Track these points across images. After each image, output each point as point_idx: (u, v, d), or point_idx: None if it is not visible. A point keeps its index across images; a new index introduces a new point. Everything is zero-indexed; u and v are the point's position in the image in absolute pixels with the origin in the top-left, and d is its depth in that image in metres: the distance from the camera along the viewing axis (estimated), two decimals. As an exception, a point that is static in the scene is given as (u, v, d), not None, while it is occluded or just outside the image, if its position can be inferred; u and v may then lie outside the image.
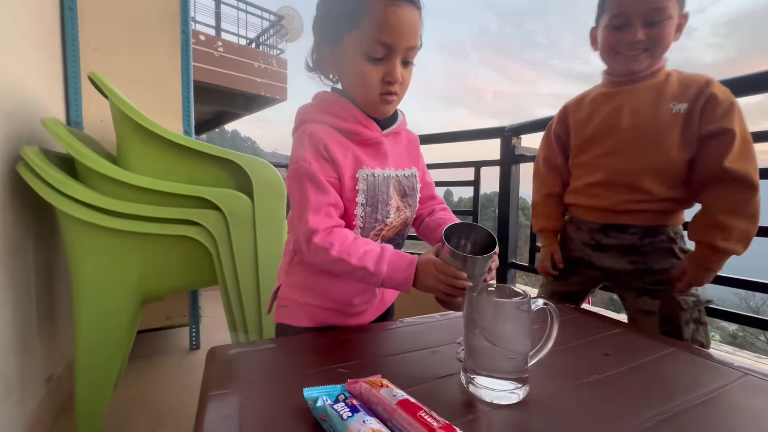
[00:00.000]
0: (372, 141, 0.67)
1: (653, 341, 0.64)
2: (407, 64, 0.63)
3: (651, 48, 0.77)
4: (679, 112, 0.75)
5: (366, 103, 0.65)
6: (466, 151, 2.85)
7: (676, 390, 0.49)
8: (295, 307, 0.73)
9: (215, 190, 1.06)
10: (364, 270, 0.61)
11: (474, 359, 0.48)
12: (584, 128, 0.88)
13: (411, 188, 0.72)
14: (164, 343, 1.87)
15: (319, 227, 0.61)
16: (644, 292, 0.83)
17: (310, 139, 0.62)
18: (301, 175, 0.62)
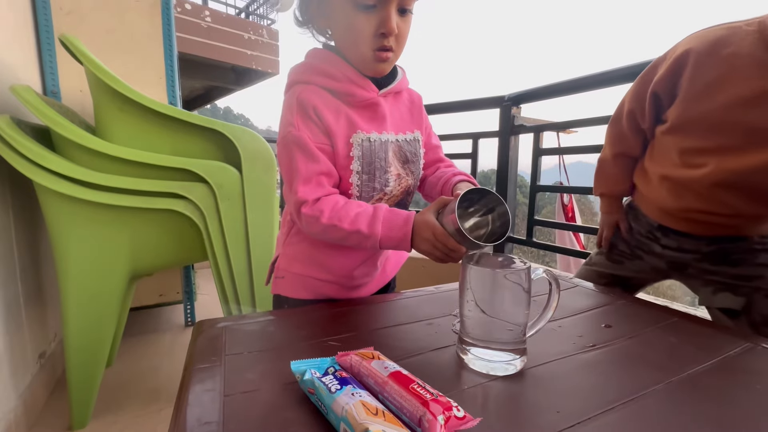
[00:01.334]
0: (367, 102, 0.60)
1: (655, 312, 0.63)
2: (405, 12, 0.55)
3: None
4: None
5: (359, 60, 0.58)
6: (462, 122, 2.66)
7: (680, 359, 0.47)
8: (292, 279, 0.71)
9: (201, 162, 1.01)
10: (358, 234, 0.57)
11: (469, 331, 0.45)
12: (698, 102, 0.61)
13: (413, 153, 0.66)
14: (159, 320, 1.86)
15: (308, 197, 0.58)
16: (724, 287, 0.68)
17: (298, 102, 0.57)
18: (289, 142, 0.58)
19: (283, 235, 0.72)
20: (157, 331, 1.75)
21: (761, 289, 0.65)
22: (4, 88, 1.01)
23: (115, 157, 0.94)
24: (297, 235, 0.70)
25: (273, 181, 1.11)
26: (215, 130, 1.04)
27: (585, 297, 0.71)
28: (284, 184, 0.62)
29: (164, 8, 1.47)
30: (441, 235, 0.53)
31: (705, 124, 0.61)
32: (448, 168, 0.73)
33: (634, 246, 0.80)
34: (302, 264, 0.70)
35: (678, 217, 0.70)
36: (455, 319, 0.58)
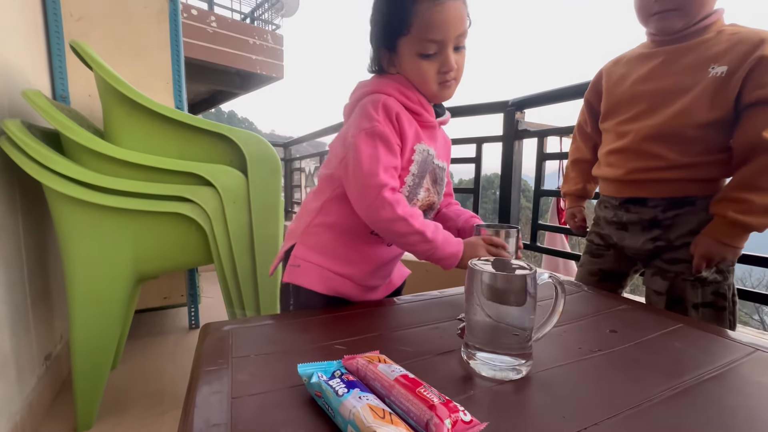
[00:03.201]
0: (428, 124, 0.72)
1: (661, 317, 0.62)
2: (459, 49, 0.67)
3: (682, 5, 0.71)
4: (716, 75, 0.68)
5: (427, 93, 0.70)
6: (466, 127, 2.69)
7: (682, 366, 0.47)
8: (309, 269, 0.72)
9: (207, 165, 1.02)
10: (421, 235, 0.64)
11: (476, 335, 0.46)
12: (615, 91, 0.83)
13: (441, 178, 0.77)
14: (164, 323, 1.87)
15: (389, 183, 0.64)
16: (658, 272, 0.79)
17: (384, 106, 0.66)
18: (375, 134, 0.65)
19: (302, 225, 0.75)
20: (162, 334, 1.75)
21: (684, 276, 0.75)
22: (16, 92, 1.03)
23: (123, 161, 0.95)
24: (320, 225, 0.73)
25: (278, 184, 1.12)
26: (221, 134, 1.05)
27: (589, 301, 0.71)
28: (355, 172, 0.65)
29: (172, 15, 1.49)
30: (488, 239, 0.66)
31: (624, 102, 0.81)
32: (457, 205, 0.87)
33: (605, 236, 0.89)
34: (322, 255, 0.72)
35: (629, 182, 0.80)
36: (460, 323, 0.59)
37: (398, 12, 0.64)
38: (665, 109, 0.74)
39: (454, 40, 0.65)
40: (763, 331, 0.95)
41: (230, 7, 6.74)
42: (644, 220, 0.79)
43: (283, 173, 2.92)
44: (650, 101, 0.76)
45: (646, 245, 0.80)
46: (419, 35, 0.64)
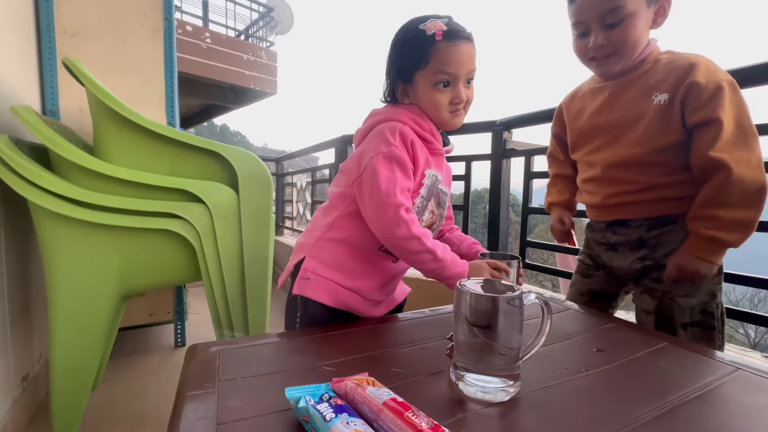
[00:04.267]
0: (437, 152, 0.80)
1: (646, 336, 0.64)
2: (469, 82, 0.76)
3: (617, 51, 0.74)
4: (660, 102, 0.72)
5: (439, 120, 0.77)
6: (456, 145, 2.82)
7: (667, 386, 0.48)
8: (318, 282, 0.76)
9: (198, 182, 1.02)
10: (431, 254, 0.69)
11: (464, 356, 0.46)
12: (575, 125, 0.88)
13: (444, 202, 0.83)
14: (148, 341, 1.82)
15: (406, 204, 0.70)
16: (646, 290, 0.80)
17: (401, 133, 0.72)
18: (393, 157, 0.71)
19: (313, 239, 0.79)
20: (146, 352, 1.70)
21: (671, 295, 0.76)
22: (5, 107, 1.02)
23: (112, 177, 0.95)
24: (331, 240, 0.77)
25: (269, 202, 1.12)
26: (213, 151, 1.05)
27: (576, 320, 0.71)
28: (372, 191, 0.70)
29: (166, 33, 1.51)
30: (492, 263, 0.71)
31: (584, 135, 0.86)
32: (460, 233, 0.91)
33: (595, 256, 0.90)
34: (332, 269, 0.76)
35: (608, 206, 0.83)
36: (449, 342, 0.59)
37: (419, 49, 0.72)
38: (622, 139, 0.78)
39: (465, 75, 0.74)
40: (745, 348, 0.96)
41: (225, 24, 6.83)
42: (631, 241, 0.80)
43: (275, 188, 2.93)
44: (607, 133, 0.80)
45: (634, 264, 0.80)
46: (435, 68, 0.72)
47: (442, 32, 0.71)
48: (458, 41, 0.72)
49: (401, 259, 0.77)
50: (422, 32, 0.72)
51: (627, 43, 0.73)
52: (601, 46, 0.74)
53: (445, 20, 0.72)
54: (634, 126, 0.76)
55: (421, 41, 0.72)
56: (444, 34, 0.71)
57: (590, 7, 0.73)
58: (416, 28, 0.73)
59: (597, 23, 0.73)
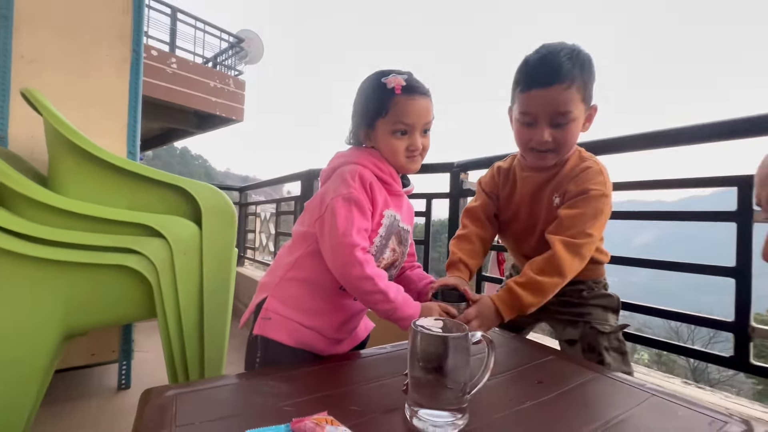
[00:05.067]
0: (397, 193, 0.84)
1: (579, 367, 0.71)
2: (426, 132, 0.82)
3: (558, 148, 0.81)
4: (555, 203, 0.84)
5: (396, 164, 0.82)
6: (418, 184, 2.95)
7: (596, 413, 0.54)
8: (279, 321, 0.77)
9: (159, 216, 1.01)
10: (384, 294, 0.71)
11: (417, 392, 0.50)
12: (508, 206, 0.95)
13: (406, 240, 0.88)
14: (87, 383, 1.66)
15: (362, 244, 0.72)
16: (568, 323, 0.89)
17: (360, 175, 0.77)
18: (351, 199, 0.74)
19: (275, 278, 0.80)
20: (83, 397, 1.55)
21: (588, 323, 0.86)
22: (-52, 135, 0.97)
23: (65, 210, 0.91)
24: (292, 280, 0.79)
25: (233, 237, 1.12)
26: (175, 185, 1.05)
27: (520, 354, 0.78)
28: (330, 231, 0.74)
29: (134, 65, 1.51)
30: (444, 306, 0.76)
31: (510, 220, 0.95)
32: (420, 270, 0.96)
33: None
34: (293, 309, 0.77)
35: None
36: (405, 378, 0.62)
37: (380, 100, 0.79)
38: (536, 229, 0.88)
39: (422, 126, 0.80)
40: (668, 376, 1.07)
41: (193, 51, 6.82)
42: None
43: (237, 216, 2.86)
44: (528, 221, 0.90)
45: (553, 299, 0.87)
46: (394, 118, 0.78)
47: (401, 87, 0.78)
48: (416, 96, 0.79)
49: (357, 298, 0.79)
50: (383, 85, 0.78)
51: (567, 143, 0.80)
52: (546, 141, 0.79)
53: (405, 76, 0.79)
54: (542, 220, 0.87)
55: (382, 93, 0.78)
56: (403, 89, 0.78)
57: (544, 106, 0.77)
58: (379, 81, 0.79)
59: (545, 121, 0.78)
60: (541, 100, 0.77)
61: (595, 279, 0.90)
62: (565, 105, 0.76)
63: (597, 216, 0.79)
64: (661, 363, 12.34)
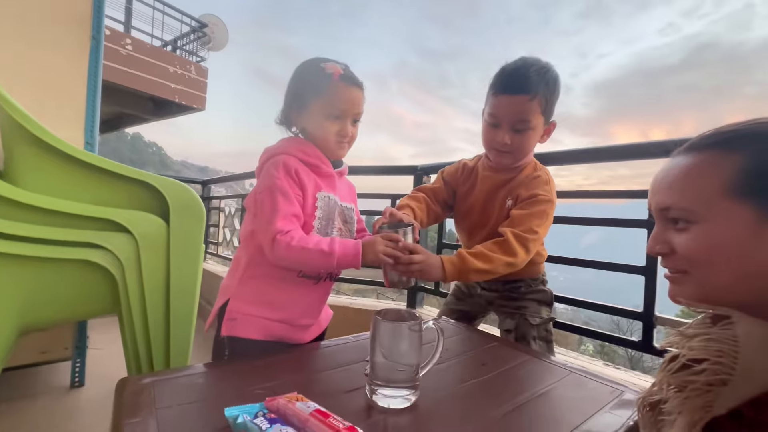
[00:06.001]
0: (327, 174, 0.86)
1: (517, 351, 0.82)
2: (355, 122, 0.86)
3: (515, 151, 0.91)
4: (508, 206, 0.95)
5: (325, 148, 0.85)
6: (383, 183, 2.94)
7: (526, 387, 0.65)
8: (245, 320, 0.80)
9: (125, 211, 1.01)
10: (320, 252, 0.74)
11: (377, 373, 0.57)
12: (465, 201, 1.05)
13: (350, 218, 0.91)
14: (36, 382, 1.58)
15: (284, 228, 0.75)
16: (507, 315, 1.02)
17: (284, 164, 0.78)
18: (274, 189, 0.77)
19: (234, 280, 0.83)
20: (32, 396, 1.48)
21: (523, 315, 0.98)
22: None
23: (24, 204, 0.89)
24: (251, 278, 0.82)
25: (200, 233, 1.14)
26: (142, 180, 1.05)
27: (468, 340, 0.88)
28: (262, 223, 0.77)
29: (93, 52, 1.46)
30: (385, 234, 0.79)
31: (465, 214, 1.05)
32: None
33: (471, 286, 1.11)
34: (255, 305, 0.81)
35: None
36: (367, 364, 0.70)
37: (317, 82, 0.81)
38: (488, 225, 0.98)
39: (353, 115, 0.84)
40: (593, 358, 1.23)
41: (150, 33, 6.42)
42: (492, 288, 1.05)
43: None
44: (480, 217, 1.01)
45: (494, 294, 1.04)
46: (328, 101, 0.81)
47: (339, 74, 0.81)
48: (352, 85, 0.82)
49: (306, 272, 0.82)
50: (322, 69, 0.81)
51: (523, 148, 0.92)
52: (506, 143, 0.90)
53: (343, 66, 0.83)
54: (494, 219, 0.97)
55: (320, 77, 0.81)
56: (341, 76, 0.81)
57: (508, 111, 0.88)
58: (317, 65, 0.82)
59: (508, 125, 0.89)
60: (506, 105, 0.87)
61: (533, 276, 1.03)
62: (526, 113, 0.86)
63: (542, 217, 0.91)
64: (603, 353, 13.38)
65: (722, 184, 0.41)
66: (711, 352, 0.37)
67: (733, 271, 0.40)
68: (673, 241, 0.44)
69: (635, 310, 1.06)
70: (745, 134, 0.42)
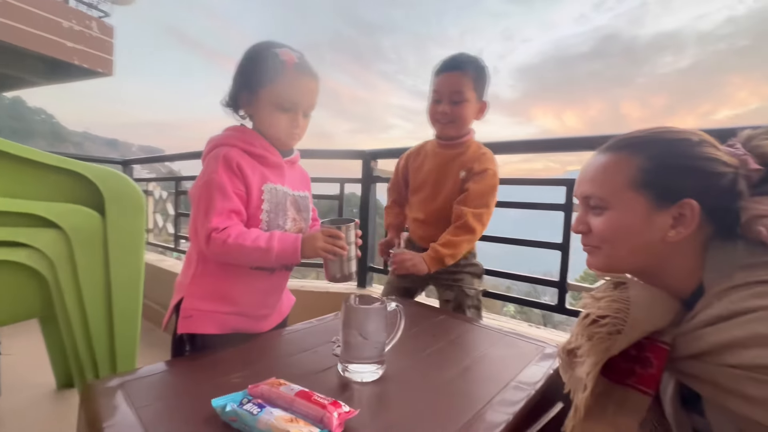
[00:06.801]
0: (275, 164, 0.83)
1: (460, 321, 0.95)
2: (306, 115, 0.84)
3: (454, 120, 1.06)
4: (461, 177, 1.08)
5: (274, 138, 0.82)
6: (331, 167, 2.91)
7: (471, 351, 0.78)
8: (200, 316, 0.79)
9: (51, 204, 0.91)
10: (258, 250, 0.73)
11: (349, 352, 0.64)
12: (416, 175, 1.19)
13: (305, 206, 0.90)
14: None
15: (220, 226, 0.73)
16: (446, 287, 1.16)
17: (224, 158, 0.75)
18: (211, 185, 0.74)
19: (187, 277, 0.81)
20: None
21: (460, 287, 1.13)
22: None
23: None
24: (203, 275, 0.80)
25: (141, 224, 1.07)
26: (71, 170, 0.95)
27: (421, 316, 0.99)
28: (198, 219, 0.74)
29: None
30: (325, 230, 0.78)
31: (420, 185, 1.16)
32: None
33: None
34: (210, 300, 0.79)
35: (427, 239, 1.12)
36: (333, 345, 0.76)
37: (270, 69, 0.76)
38: (442, 197, 1.11)
39: (306, 106, 0.81)
40: (519, 321, 1.45)
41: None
42: None
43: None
44: (432, 190, 1.13)
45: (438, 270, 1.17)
46: (281, 92, 0.77)
47: (293, 62, 0.77)
48: (306, 75, 0.79)
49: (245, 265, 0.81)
50: (276, 55, 0.76)
51: (461, 117, 1.07)
52: (445, 113, 1.06)
53: (298, 54, 0.78)
54: (446, 188, 1.11)
55: (273, 63, 0.76)
56: (295, 65, 0.77)
57: (446, 86, 1.05)
58: (271, 51, 0.77)
59: (447, 98, 1.05)
60: (445, 80, 1.05)
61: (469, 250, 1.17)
62: (460, 85, 1.03)
63: (493, 192, 1.08)
64: (522, 313, 15.24)
65: (627, 179, 0.53)
66: (612, 310, 0.50)
67: (629, 246, 0.54)
68: (591, 223, 0.57)
69: (553, 279, 1.27)
70: (645, 140, 0.55)
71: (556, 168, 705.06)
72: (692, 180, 0.51)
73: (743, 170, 0.51)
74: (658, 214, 0.52)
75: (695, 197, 0.50)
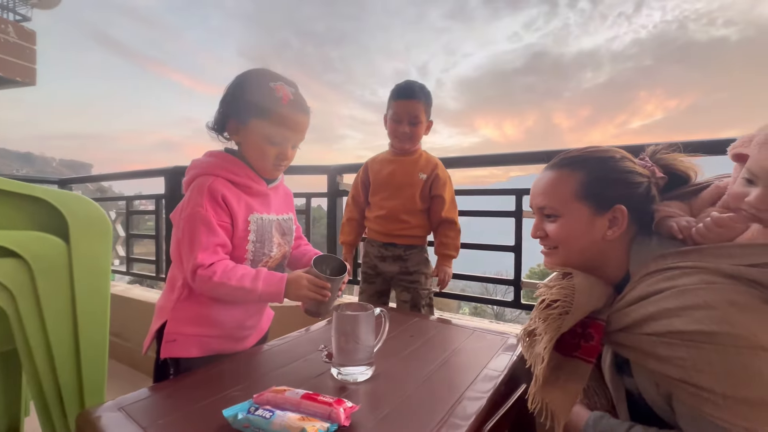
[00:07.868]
0: (260, 192, 0.85)
1: (433, 322, 1.05)
2: (294, 147, 0.87)
3: (412, 138, 1.27)
4: (422, 179, 1.28)
5: (261, 168, 0.84)
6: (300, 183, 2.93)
7: (445, 347, 0.87)
8: (184, 340, 0.80)
9: (10, 233, 0.86)
10: (242, 289, 0.75)
11: (343, 356, 0.71)
12: (376, 178, 1.34)
13: (288, 228, 0.93)
14: None
15: (205, 262, 0.74)
16: (404, 289, 1.31)
17: (209, 190, 0.76)
18: (196, 219, 0.75)
19: (171, 302, 0.81)
20: None
21: (416, 288, 1.30)
22: None
23: None
24: (187, 299, 0.81)
25: (107, 250, 1.03)
26: (31, 195, 0.90)
27: (400, 320, 1.08)
28: (184, 251, 0.75)
29: None
30: (312, 278, 0.79)
31: (380, 187, 1.32)
32: (307, 246, 1.03)
33: (371, 267, 1.36)
34: (193, 325, 0.81)
35: (387, 234, 1.31)
36: (322, 352, 0.82)
37: (264, 103, 0.77)
38: (401, 195, 1.29)
39: (295, 141, 0.85)
40: (482, 318, 1.59)
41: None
42: (395, 255, 1.32)
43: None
44: (393, 190, 1.30)
45: (396, 269, 1.31)
46: (272, 126, 0.79)
47: (288, 99, 0.78)
48: (300, 112, 0.81)
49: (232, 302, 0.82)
50: (272, 90, 0.77)
51: (417, 135, 1.28)
52: (405, 133, 1.26)
53: (293, 90, 0.80)
54: (408, 189, 1.28)
55: (268, 97, 0.77)
56: (290, 102, 0.78)
57: (405, 111, 1.24)
58: (266, 84, 0.78)
59: (406, 120, 1.25)
60: (404, 106, 1.24)
61: (424, 246, 1.35)
62: (417, 111, 1.24)
63: (453, 193, 1.34)
64: (476, 313, 16.00)
65: (572, 191, 0.66)
66: (561, 295, 0.62)
67: (579, 246, 0.66)
68: (546, 229, 0.70)
69: (508, 278, 1.42)
70: (581, 159, 0.69)
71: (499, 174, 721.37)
72: (620, 189, 0.65)
73: (653, 179, 0.67)
74: (598, 218, 0.65)
75: (623, 203, 0.64)
